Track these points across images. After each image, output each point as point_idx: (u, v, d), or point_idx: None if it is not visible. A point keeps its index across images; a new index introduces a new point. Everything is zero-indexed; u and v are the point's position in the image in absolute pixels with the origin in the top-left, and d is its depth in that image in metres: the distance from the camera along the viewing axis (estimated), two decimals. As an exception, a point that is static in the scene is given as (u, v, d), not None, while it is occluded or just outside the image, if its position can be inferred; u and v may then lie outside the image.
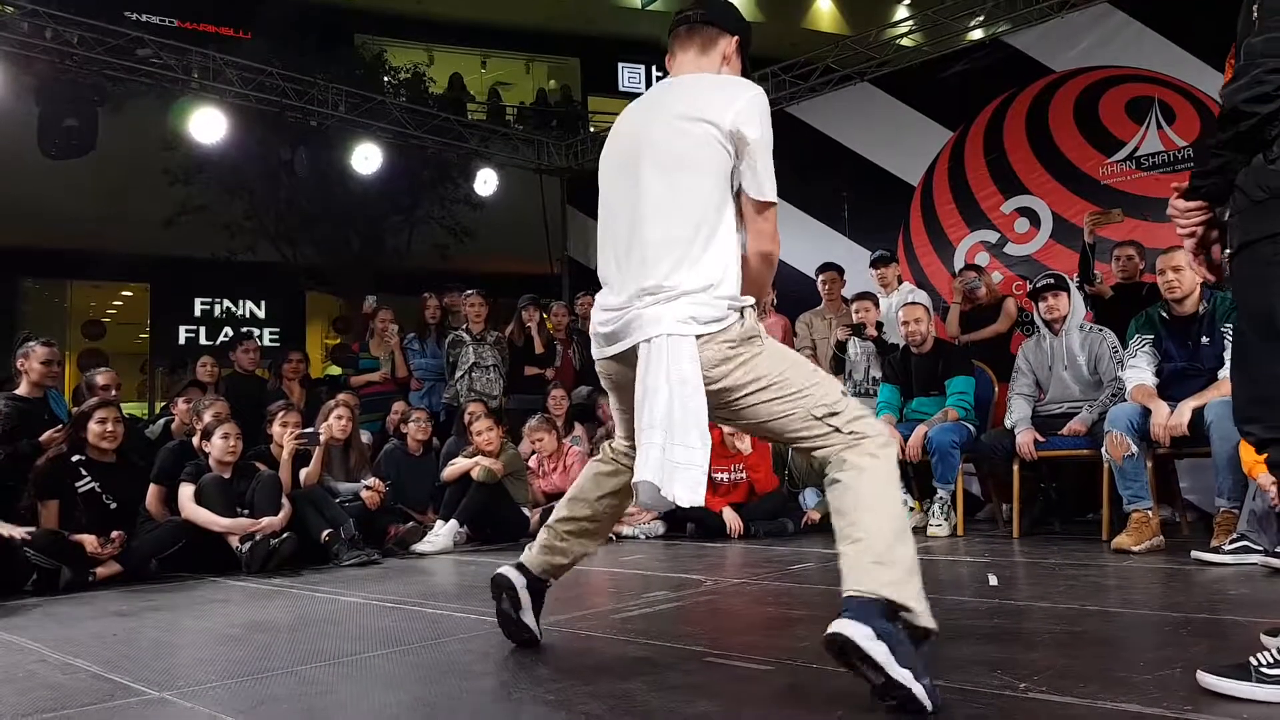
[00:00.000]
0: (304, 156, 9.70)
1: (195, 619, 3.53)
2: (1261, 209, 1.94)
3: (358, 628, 3.20)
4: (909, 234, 7.52)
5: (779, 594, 3.61)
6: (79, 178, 9.41)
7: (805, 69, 8.51)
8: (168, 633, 3.24)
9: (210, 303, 14.03)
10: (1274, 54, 1.89)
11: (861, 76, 8.14)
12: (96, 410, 4.62)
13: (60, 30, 7.97)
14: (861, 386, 6.08)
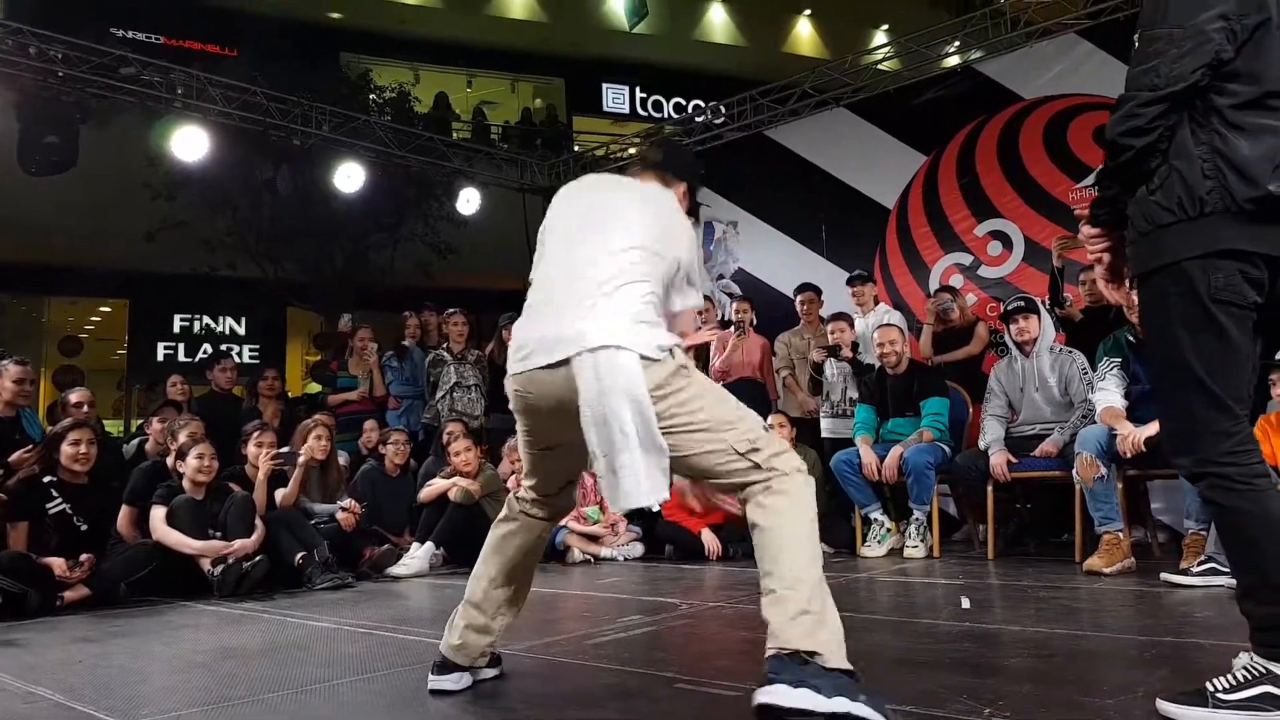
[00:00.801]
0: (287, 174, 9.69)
1: (163, 645, 3.49)
2: (1147, 241, 1.98)
3: (328, 654, 3.17)
4: (885, 255, 7.59)
5: (754, 618, 3.53)
6: (59, 193, 9.37)
7: (784, 93, 8.59)
8: (135, 659, 3.20)
9: (190, 319, 13.93)
10: (1146, 86, 1.92)
11: (838, 101, 8.23)
12: (70, 431, 4.56)
13: (44, 48, 7.96)
14: (838, 407, 6.11)
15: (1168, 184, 1.93)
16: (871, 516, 5.50)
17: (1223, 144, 1.90)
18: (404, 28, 17.14)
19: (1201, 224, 1.90)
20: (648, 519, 6.00)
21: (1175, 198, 1.92)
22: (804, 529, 2.11)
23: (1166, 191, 1.93)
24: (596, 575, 5.13)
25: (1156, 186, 1.94)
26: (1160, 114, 1.91)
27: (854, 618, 3.56)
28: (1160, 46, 1.91)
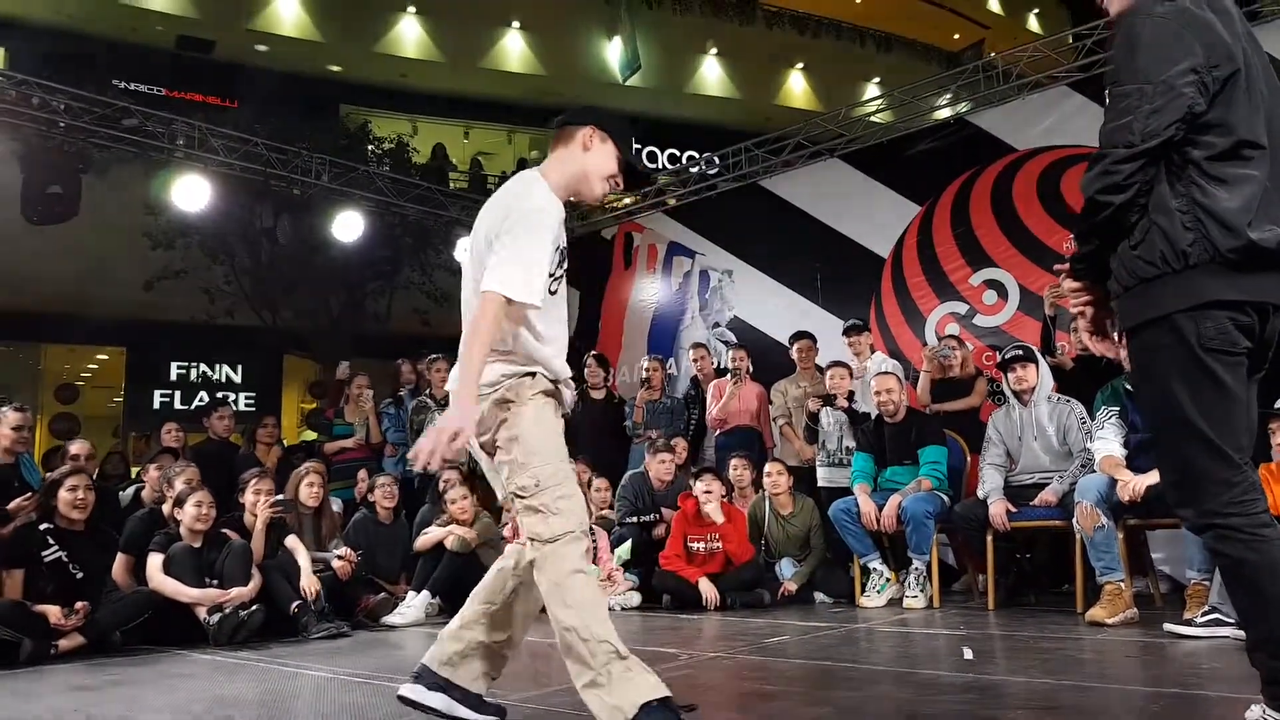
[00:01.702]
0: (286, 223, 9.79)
1: (159, 694, 3.45)
2: (1133, 295, 1.99)
3: (324, 704, 3.14)
4: (880, 304, 7.65)
5: (755, 668, 3.58)
6: (59, 241, 9.44)
7: (778, 144, 8.72)
8: (131, 709, 3.16)
9: (186, 367, 13.92)
10: (1121, 143, 1.92)
11: (832, 152, 8.35)
12: (68, 478, 4.55)
13: (47, 98, 8.07)
14: (835, 456, 6.11)
15: (1149, 238, 1.94)
16: (870, 566, 5.47)
17: (1202, 195, 1.91)
18: (403, 80, 17.42)
19: (1187, 276, 1.91)
20: (645, 568, 5.96)
21: (1158, 252, 1.92)
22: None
23: (1148, 246, 1.94)
24: (594, 625, 5.08)
25: (1138, 241, 1.95)
26: (1136, 170, 1.92)
27: (855, 669, 3.55)
28: (1132, 102, 1.91)
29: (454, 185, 14.37)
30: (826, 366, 6.39)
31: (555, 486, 2.37)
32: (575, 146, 2.61)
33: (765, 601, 5.59)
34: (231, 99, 14.81)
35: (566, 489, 2.39)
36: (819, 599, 5.76)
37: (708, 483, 5.72)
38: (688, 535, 5.71)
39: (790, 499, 6.00)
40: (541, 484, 2.36)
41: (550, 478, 2.38)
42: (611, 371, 8.65)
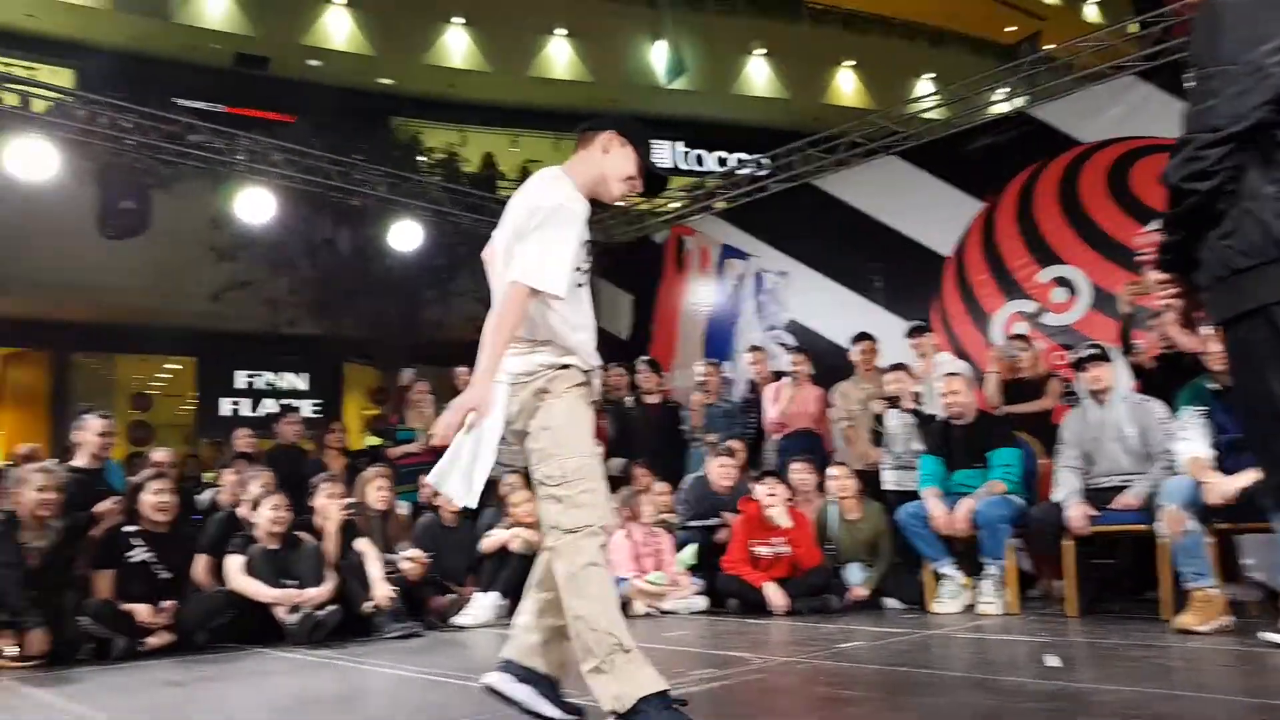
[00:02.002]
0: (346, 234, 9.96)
1: (246, 690, 3.54)
2: (1228, 287, 1.89)
3: (401, 702, 3.19)
4: (943, 304, 7.53)
5: (830, 673, 3.53)
6: (130, 256, 9.70)
7: (831, 143, 8.66)
8: (221, 704, 3.25)
9: (253, 375, 14.25)
10: (1207, 127, 1.84)
11: (888, 150, 8.26)
12: (151, 481, 4.70)
13: (115, 117, 8.32)
14: (902, 459, 6.03)
15: (1241, 227, 1.85)
16: (942, 571, 5.36)
17: None
18: (452, 91, 17.64)
19: None
20: (708, 572, 5.95)
21: (1250, 241, 1.84)
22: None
23: (1240, 235, 1.85)
24: (660, 628, 5.07)
25: (1229, 231, 1.86)
26: (1224, 155, 1.83)
27: (934, 675, 3.49)
28: (1216, 85, 1.83)
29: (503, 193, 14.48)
30: (886, 369, 6.31)
31: (581, 480, 2.46)
32: (595, 149, 2.71)
33: (834, 607, 5.53)
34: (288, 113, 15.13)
35: (591, 484, 2.48)
36: (889, 605, 5.68)
37: (771, 486, 5.69)
38: (751, 539, 5.68)
39: (857, 503, 5.94)
40: (567, 476, 2.46)
41: (576, 471, 2.47)
42: (666, 376, 8.64)
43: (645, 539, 5.93)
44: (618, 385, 8.20)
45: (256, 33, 16.04)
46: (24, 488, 4.34)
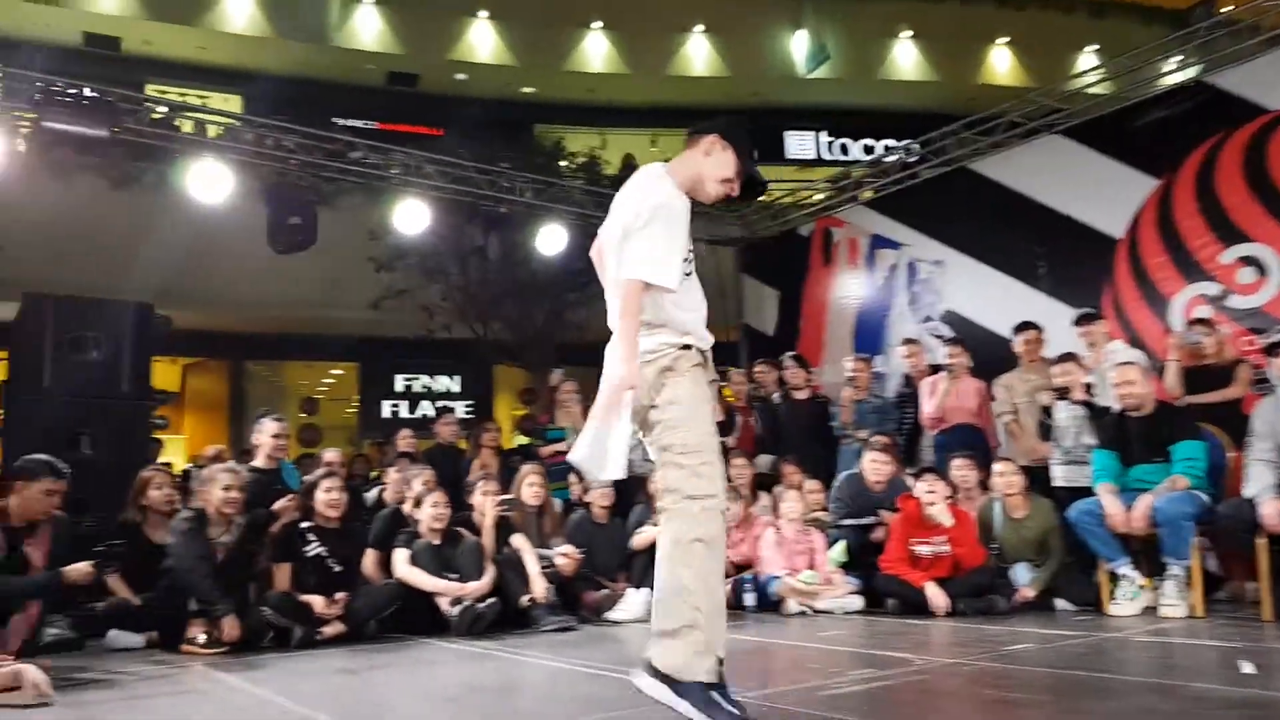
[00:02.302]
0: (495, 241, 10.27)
1: (414, 679, 3.69)
2: None
3: (560, 693, 3.25)
4: (1116, 289, 7.06)
5: (997, 676, 3.38)
6: (297, 269, 10.32)
7: (988, 124, 8.29)
8: (392, 691, 3.40)
9: (410, 379, 14.94)
10: None
11: (1050, 128, 7.84)
12: (323, 480, 4.99)
13: (280, 139, 8.87)
14: (1072, 453, 5.68)
15: None
16: (1119, 572, 5.03)
17: None
18: (591, 95, 17.93)
19: None
20: (863, 571, 5.79)
21: None
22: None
23: None
24: (815, 628, 4.99)
25: None
26: None
27: (1111, 679, 3.30)
28: None
29: (645, 194, 14.60)
30: (1054, 360, 5.96)
31: (702, 452, 2.58)
32: (699, 151, 2.83)
33: (1000, 608, 5.27)
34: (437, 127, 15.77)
35: (710, 458, 2.60)
36: (1060, 606, 5.38)
37: (930, 483, 5.48)
38: (911, 538, 5.48)
39: (1024, 500, 5.64)
40: (690, 447, 2.57)
41: (699, 443, 2.58)
42: (815, 372, 8.48)
43: (797, 537, 5.84)
44: (765, 382, 8.12)
45: (406, 51, 16.79)
46: (211, 487, 4.68)
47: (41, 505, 4.00)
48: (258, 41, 15.98)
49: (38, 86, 7.03)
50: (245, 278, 11.24)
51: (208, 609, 4.42)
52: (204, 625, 4.42)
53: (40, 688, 3.16)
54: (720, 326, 11.15)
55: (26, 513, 4.00)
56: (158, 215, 10.14)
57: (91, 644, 4.69)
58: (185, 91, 14.70)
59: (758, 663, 4.14)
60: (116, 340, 6.04)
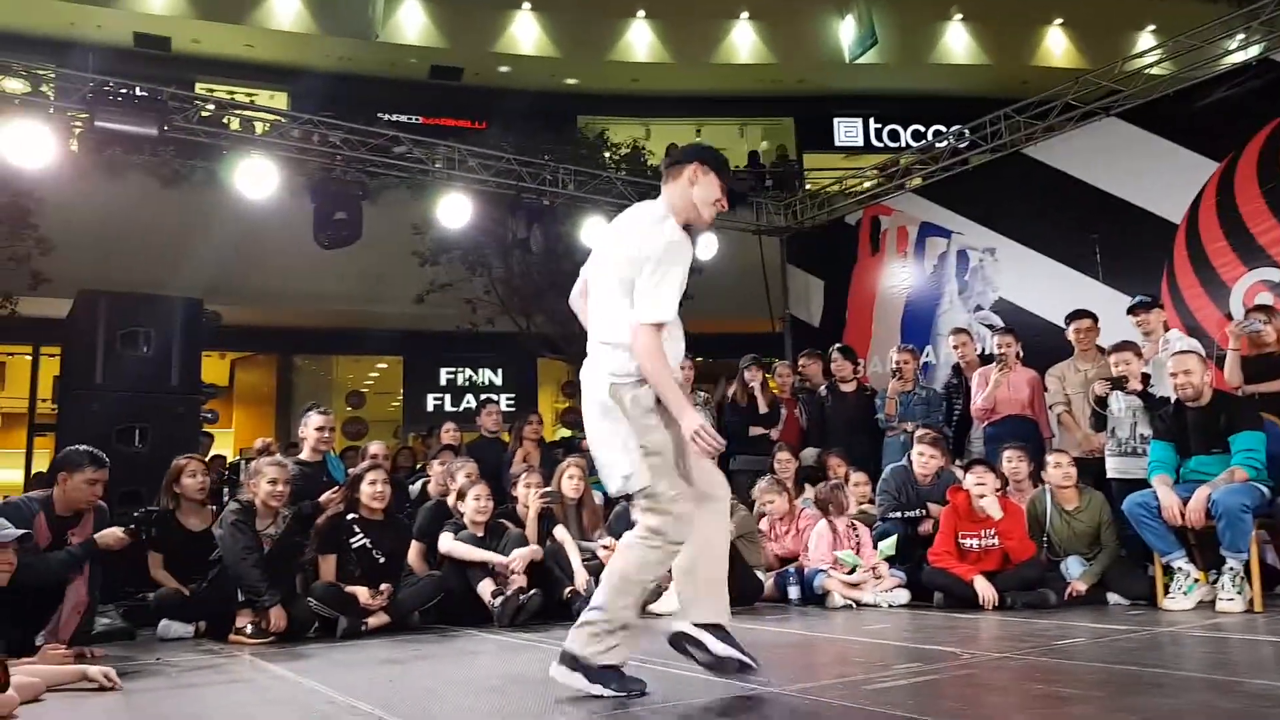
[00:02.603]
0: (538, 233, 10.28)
1: (458, 668, 3.72)
2: None
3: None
4: (1173, 276, 6.87)
5: (1046, 670, 3.30)
6: (343, 264, 10.44)
7: (1041, 108, 8.10)
8: (435, 681, 3.43)
9: (454, 372, 15.06)
10: None
11: (1107, 111, 7.63)
12: (368, 473, 5.03)
13: (325, 134, 8.97)
14: (1127, 445, 5.54)
15: None
16: (1175, 565, 4.90)
17: None
18: (635, 85, 17.86)
19: None
20: (911, 565, 5.71)
21: None
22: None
23: None
24: (860, 621, 4.92)
25: None
26: None
27: (1167, 675, 3.21)
28: None
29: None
30: (1111, 349, 5.79)
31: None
32: (683, 182, 3.03)
33: (1051, 602, 5.16)
34: (480, 120, 15.82)
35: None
36: (1113, 600, 5.26)
37: (980, 475, 5.37)
38: (959, 531, 5.39)
39: (1075, 492, 5.52)
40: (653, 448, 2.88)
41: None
42: (861, 363, 8.37)
43: (846, 532, 5.77)
44: (811, 374, 8.03)
45: (450, 45, 16.87)
46: (258, 480, 4.75)
47: (85, 495, 4.10)
48: (303, 38, 16.17)
49: (90, 86, 7.19)
50: (292, 273, 11.39)
51: (255, 600, 4.49)
52: (251, 616, 4.50)
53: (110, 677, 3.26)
54: (765, 318, 11.14)
55: (72, 503, 4.10)
56: (206, 212, 10.33)
57: (143, 634, 4.81)
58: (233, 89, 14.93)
59: (802, 656, 4.09)
60: (167, 336, 6.16)
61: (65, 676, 3.28)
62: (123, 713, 2.99)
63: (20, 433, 12.31)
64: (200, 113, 8.42)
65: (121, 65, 12.20)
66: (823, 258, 10.48)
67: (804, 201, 11.13)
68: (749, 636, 4.35)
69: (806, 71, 17.85)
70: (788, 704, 2.77)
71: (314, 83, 15.11)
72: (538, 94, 16.81)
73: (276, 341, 14.47)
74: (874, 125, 18.57)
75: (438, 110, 16.89)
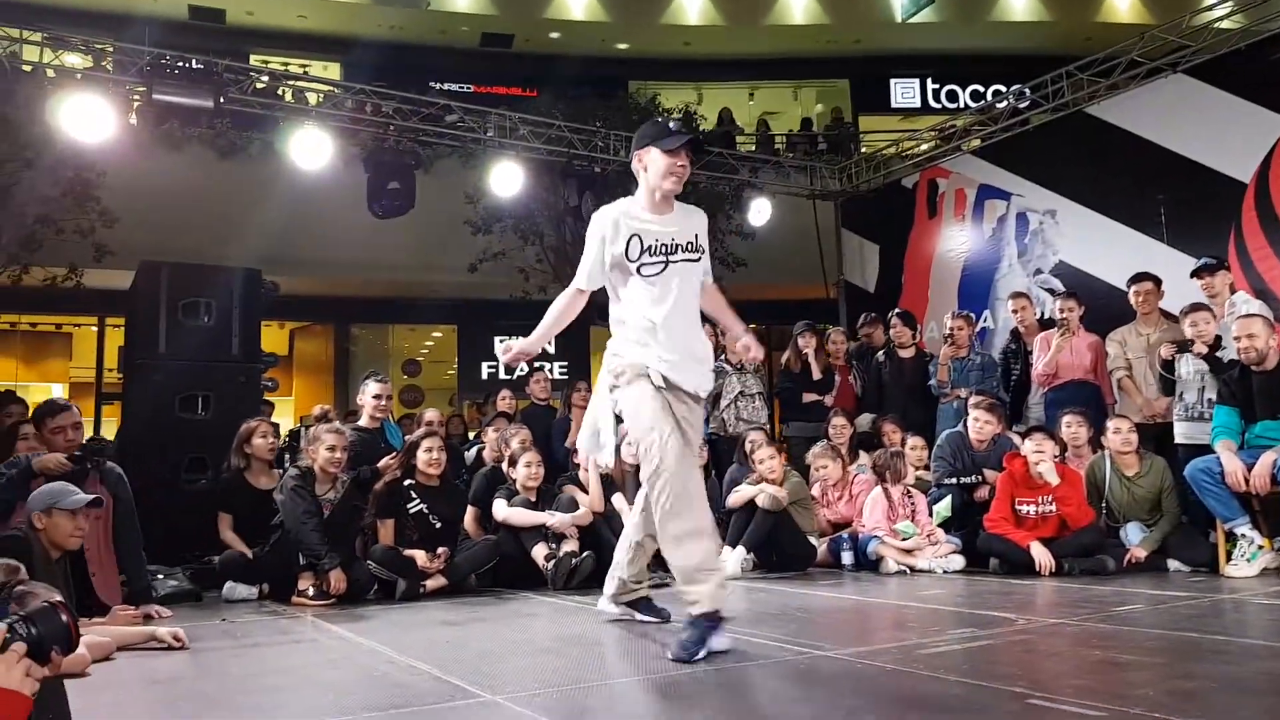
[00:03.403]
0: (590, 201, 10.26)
1: (513, 630, 3.79)
2: None
3: (654, 646, 3.27)
4: (1241, 237, 6.63)
5: (1104, 636, 3.26)
6: (397, 233, 10.55)
7: (1105, 65, 7.83)
8: (491, 642, 3.49)
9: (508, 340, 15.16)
10: None
11: (1174, 67, 7.36)
12: (424, 440, 5.11)
13: (378, 104, 9.04)
14: (1194, 409, 5.39)
15: None
16: (1238, 532, 4.79)
17: None
18: (686, 49, 17.64)
19: None
20: (967, 531, 5.65)
21: None
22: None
23: None
24: (915, 587, 4.90)
25: None
26: None
27: (1229, 642, 3.17)
28: None
29: (741, 148, 14.37)
30: (1186, 310, 5.60)
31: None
32: (639, 170, 3.33)
33: (1109, 569, 5.08)
34: (531, 88, 15.78)
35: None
36: (1173, 567, 5.16)
37: (1038, 442, 5.28)
38: (1016, 498, 5.32)
39: (1136, 458, 5.40)
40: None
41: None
42: (920, 329, 8.25)
43: (901, 499, 5.72)
44: (875, 340, 7.95)
45: (501, 12, 16.81)
46: (317, 446, 4.85)
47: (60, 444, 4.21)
48: (355, 8, 16.24)
49: (147, 59, 7.32)
50: (347, 243, 11.53)
51: (316, 563, 4.60)
52: (313, 578, 4.61)
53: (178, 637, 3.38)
54: (819, 283, 11.02)
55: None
56: (263, 183, 10.49)
57: (209, 596, 4.97)
58: (287, 60, 15.08)
59: (855, 621, 4.10)
60: (227, 305, 6.25)
61: (135, 637, 3.41)
62: (190, 672, 3.09)
63: (88, 402, 12.71)
64: (255, 84, 8.54)
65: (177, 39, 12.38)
66: (878, 222, 10.32)
67: (859, 165, 10.95)
68: (801, 602, 4.41)
69: (862, 32, 17.44)
70: (842, 667, 2.78)
71: (366, 53, 15.18)
72: (589, 60, 16.69)
73: (333, 311, 14.69)
74: (931, 86, 18.11)
75: (489, 79, 16.87)
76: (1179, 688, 2.44)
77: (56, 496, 3.62)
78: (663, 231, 3.25)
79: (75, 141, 7.48)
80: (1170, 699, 2.26)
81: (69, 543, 3.64)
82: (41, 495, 3.64)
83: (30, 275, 9.40)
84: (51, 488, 3.69)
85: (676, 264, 3.25)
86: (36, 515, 3.57)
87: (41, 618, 1.58)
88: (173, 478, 5.75)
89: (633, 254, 3.21)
